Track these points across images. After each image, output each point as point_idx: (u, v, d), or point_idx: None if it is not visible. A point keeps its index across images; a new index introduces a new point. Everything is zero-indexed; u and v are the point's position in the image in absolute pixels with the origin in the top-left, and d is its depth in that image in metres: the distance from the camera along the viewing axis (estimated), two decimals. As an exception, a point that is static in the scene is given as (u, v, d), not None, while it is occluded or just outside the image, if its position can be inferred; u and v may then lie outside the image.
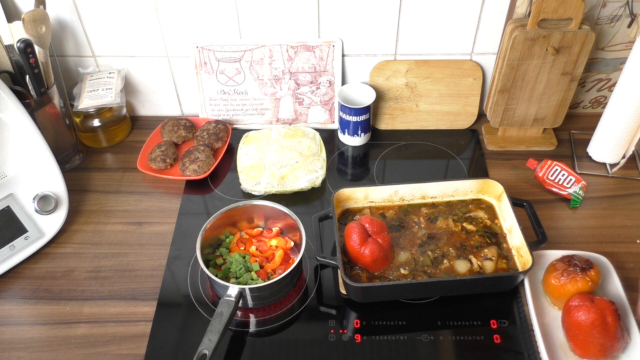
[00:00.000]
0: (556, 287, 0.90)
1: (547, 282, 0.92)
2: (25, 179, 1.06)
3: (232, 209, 1.00)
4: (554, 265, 0.92)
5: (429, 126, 1.30)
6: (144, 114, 1.37)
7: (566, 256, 0.93)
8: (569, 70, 1.12)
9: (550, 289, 0.92)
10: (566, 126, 1.26)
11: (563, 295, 0.89)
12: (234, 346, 0.90)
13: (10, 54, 1.09)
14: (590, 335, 0.82)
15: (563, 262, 0.91)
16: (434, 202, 1.07)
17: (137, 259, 1.04)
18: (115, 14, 1.17)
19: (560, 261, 0.92)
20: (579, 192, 1.09)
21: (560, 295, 0.90)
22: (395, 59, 1.24)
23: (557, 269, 0.91)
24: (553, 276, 0.91)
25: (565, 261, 0.91)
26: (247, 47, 1.21)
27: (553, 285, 0.90)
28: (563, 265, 0.91)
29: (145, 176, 1.19)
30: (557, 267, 0.91)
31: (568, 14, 1.04)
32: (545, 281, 0.93)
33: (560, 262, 0.92)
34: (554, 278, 0.90)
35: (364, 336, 0.91)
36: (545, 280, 0.93)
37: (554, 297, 0.92)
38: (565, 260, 0.91)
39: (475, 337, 0.90)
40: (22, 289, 1.00)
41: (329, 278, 1.00)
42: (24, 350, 0.90)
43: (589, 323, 0.82)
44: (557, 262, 0.92)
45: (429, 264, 0.97)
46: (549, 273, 0.92)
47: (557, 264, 0.92)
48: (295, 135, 1.22)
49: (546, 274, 0.93)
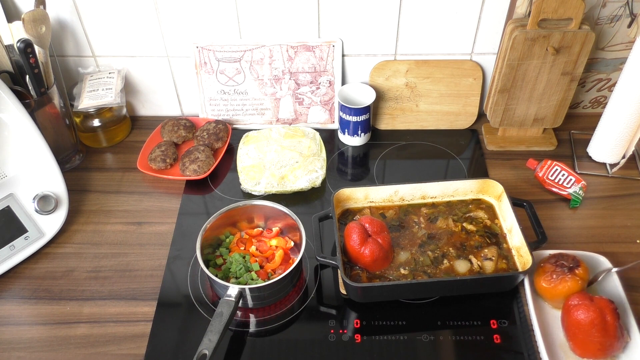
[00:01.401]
0: (547, 289, 0.90)
1: (539, 285, 0.92)
2: (25, 179, 1.06)
3: (232, 209, 1.00)
4: (543, 267, 0.92)
5: (429, 126, 1.30)
6: (144, 114, 1.37)
7: (553, 256, 0.93)
8: (569, 70, 1.12)
9: (542, 291, 0.92)
10: (566, 126, 1.26)
11: (556, 296, 0.89)
12: (234, 346, 0.90)
13: (10, 54, 1.09)
14: (589, 334, 0.82)
15: (550, 263, 0.91)
16: (434, 202, 1.07)
17: (137, 259, 1.04)
18: (115, 14, 1.17)
19: (548, 262, 0.92)
20: (579, 192, 1.09)
21: (553, 296, 0.90)
22: (395, 59, 1.24)
23: (546, 270, 0.91)
24: (543, 278, 0.91)
25: (552, 262, 0.91)
26: (247, 47, 1.21)
27: (544, 288, 0.90)
28: (551, 267, 0.91)
29: (145, 176, 1.19)
30: (545, 269, 0.91)
31: (568, 14, 1.04)
32: (536, 284, 0.93)
33: (548, 264, 0.92)
34: (544, 280, 0.90)
35: (364, 336, 0.91)
36: (536, 282, 0.93)
37: (548, 299, 0.92)
38: (552, 262, 0.91)
39: (475, 337, 0.90)
40: (22, 289, 1.00)
41: (329, 278, 1.00)
42: (24, 350, 0.90)
43: (588, 322, 0.82)
44: (545, 264, 0.92)
45: (429, 264, 0.97)
46: (538, 276, 0.92)
47: (546, 265, 0.92)
48: (295, 135, 1.22)
49: (536, 277, 0.93)
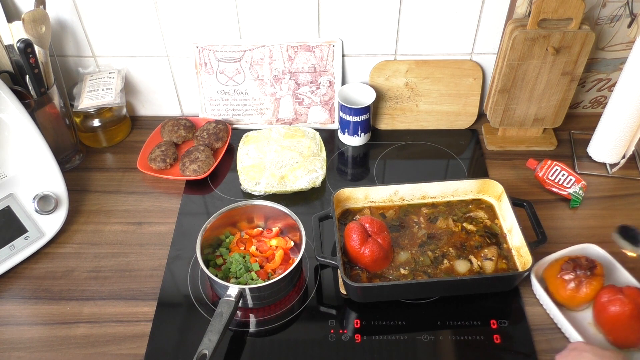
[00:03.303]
0: (574, 297, 0.89)
1: (561, 295, 0.90)
2: (25, 179, 1.06)
3: (232, 209, 1.00)
4: (560, 277, 0.91)
5: (429, 126, 1.30)
6: (144, 114, 1.37)
7: (566, 265, 0.91)
8: (569, 70, 1.12)
9: (567, 300, 0.90)
10: (566, 126, 1.26)
11: (584, 301, 0.89)
12: (234, 346, 0.90)
13: (10, 54, 1.09)
14: (629, 326, 0.84)
15: (568, 272, 0.91)
16: (434, 202, 1.07)
17: (137, 259, 1.04)
18: (115, 14, 1.17)
19: (565, 273, 0.91)
20: (579, 192, 1.09)
21: (581, 302, 0.89)
22: (395, 59, 1.24)
23: (566, 281, 0.90)
24: (565, 289, 0.90)
25: (570, 270, 0.91)
26: (247, 47, 1.21)
27: (570, 296, 0.89)
28: (570, 275, 0.90)
29: (145, 176, 1.19)
30: (565, 278, 0.90)
31: (568, 14, 1.04)
32: (558, 295, 0.91)
33: (565, 273, 0.91)
34: (568, 290, 0.89)
35: (364, 336, 0.91)
36: (557, 294, 0.91)
37: (574, 306, 0.91)
38: (569, 270, 0.91)
39: (475, 337, 0.90)
40: (22, 289, 1.00)
41: (329, 278, 1.00)
42: (24, 350, 0.90)
43: (627, 314, 0.83)
44: (562, 274, 0.91)
45: (429, 264, 0.97)
46: (558, 287, 0.91)
47: (563, 274, 0.91)
48: (295, 135, 1.22)
49: (555, 288, 0.91)
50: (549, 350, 0.88)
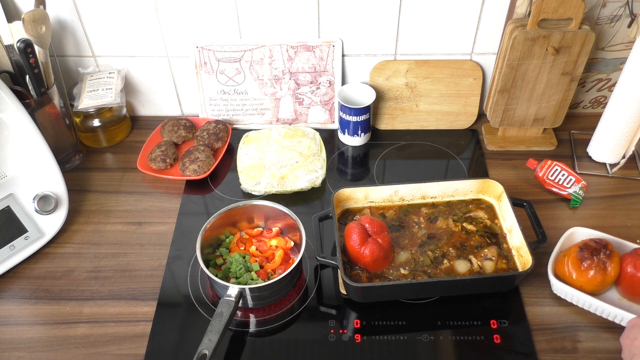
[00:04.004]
0: (603, 280, 0.90)
1: (591, 283, 0.90)
2: (25, 179, 1.06)
3: (232, 209, 1.00)
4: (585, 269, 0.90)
5: (429, 126, 1.30)
6: (144, 114, 1.37)
7: (582, 252, 0.91)
8: (569, 70, 1.12)
9: (597, 286, 0.90)
10: (566, 126, 1.26)
11: (613, 279, 0.90)
12: (234, 346, 0.90)
13: (10, 54, 1.09)
14: None
15: (586, 257, 0.90)
16: (434, 202, 1.07)
17: (137, 259, 1.04)
18: (115, 14, 1.17)
19: (586, 260, 0.90)
20: (579, 192, 1.09)
21: (611, 281, 0.90)
22: (395, 59, 1.24)
23: (588, 267, 0.90)
24: (593, 276, 0.90)
25: (588, 255, 0.90)
26: (247, 47, 1.21)
27: (599, 282, 0.90)
28: (590, 260, 0.90)
29: (145, 176, 1.19)
30: (585, 266, 0.90)
31: (568, 14, 1.04)
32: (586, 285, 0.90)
33: (586, 261, 0.90)
34: (597, 276, 0.89)
35: (364, 336, 0.91)
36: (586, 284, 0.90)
37: (605, 287, 0.91)
38: (587, 256, 0.90)
39: (475, 337, 0.90)
40: (22, 289, 1.00)
41: (329, 278, 1.00)
42: (24, 350, 0.90)
43: None
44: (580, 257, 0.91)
45: (429, 264, 0.97)
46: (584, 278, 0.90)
47: (584, 263, 0.90)
48: (295, 135, 1.22)
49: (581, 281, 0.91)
50: (549, 350, 0.88)
